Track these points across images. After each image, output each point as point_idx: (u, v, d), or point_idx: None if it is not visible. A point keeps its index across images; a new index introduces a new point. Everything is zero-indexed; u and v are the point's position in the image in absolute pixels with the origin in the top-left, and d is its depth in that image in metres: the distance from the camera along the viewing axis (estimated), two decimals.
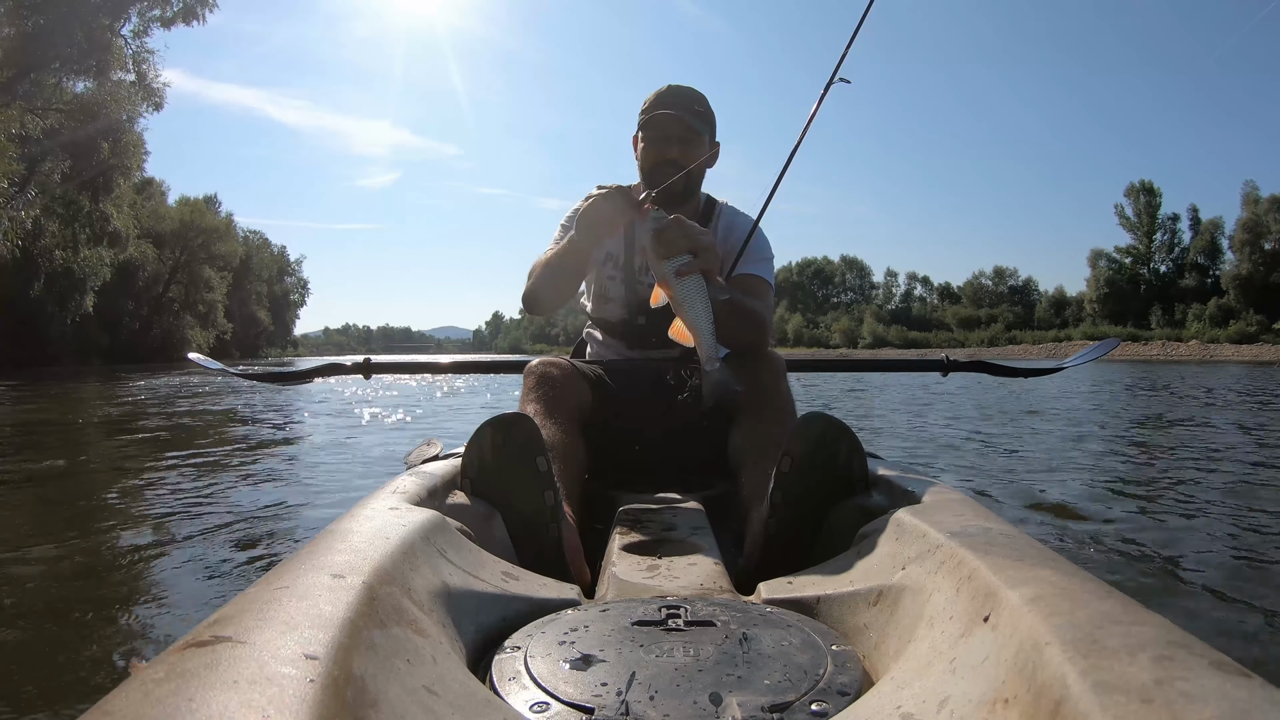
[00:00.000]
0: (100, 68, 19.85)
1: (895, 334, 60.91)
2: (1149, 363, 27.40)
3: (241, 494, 3.21)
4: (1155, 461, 4.33)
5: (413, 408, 7.94)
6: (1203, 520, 2.77)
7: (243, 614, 0.52)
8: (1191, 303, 47.12)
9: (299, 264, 66.50)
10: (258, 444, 4.99)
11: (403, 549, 0.74)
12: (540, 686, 0.64)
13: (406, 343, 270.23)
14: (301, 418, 7.01)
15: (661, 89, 1.65)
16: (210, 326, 40.37)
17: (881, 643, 0.75)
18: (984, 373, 2.31)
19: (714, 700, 0.62)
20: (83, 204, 22.48)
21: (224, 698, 0.41)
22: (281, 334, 62.80)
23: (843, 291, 78.06)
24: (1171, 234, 52.79)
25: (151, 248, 33.11)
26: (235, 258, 44.08)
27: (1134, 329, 46.76)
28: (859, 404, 8.52)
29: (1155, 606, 0.54)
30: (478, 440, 1.09)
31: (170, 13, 20.62)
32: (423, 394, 10.20)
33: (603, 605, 0.82)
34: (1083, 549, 2.34)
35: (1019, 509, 2.92)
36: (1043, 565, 0.64)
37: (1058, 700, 0.45)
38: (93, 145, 20.79)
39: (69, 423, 6.77)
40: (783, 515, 1.05)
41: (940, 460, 4.25)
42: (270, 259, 59.02)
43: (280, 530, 2.57)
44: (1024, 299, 65.06)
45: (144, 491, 3.39)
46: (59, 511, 2.97)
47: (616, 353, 1.77)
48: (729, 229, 1.72)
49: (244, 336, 49.48)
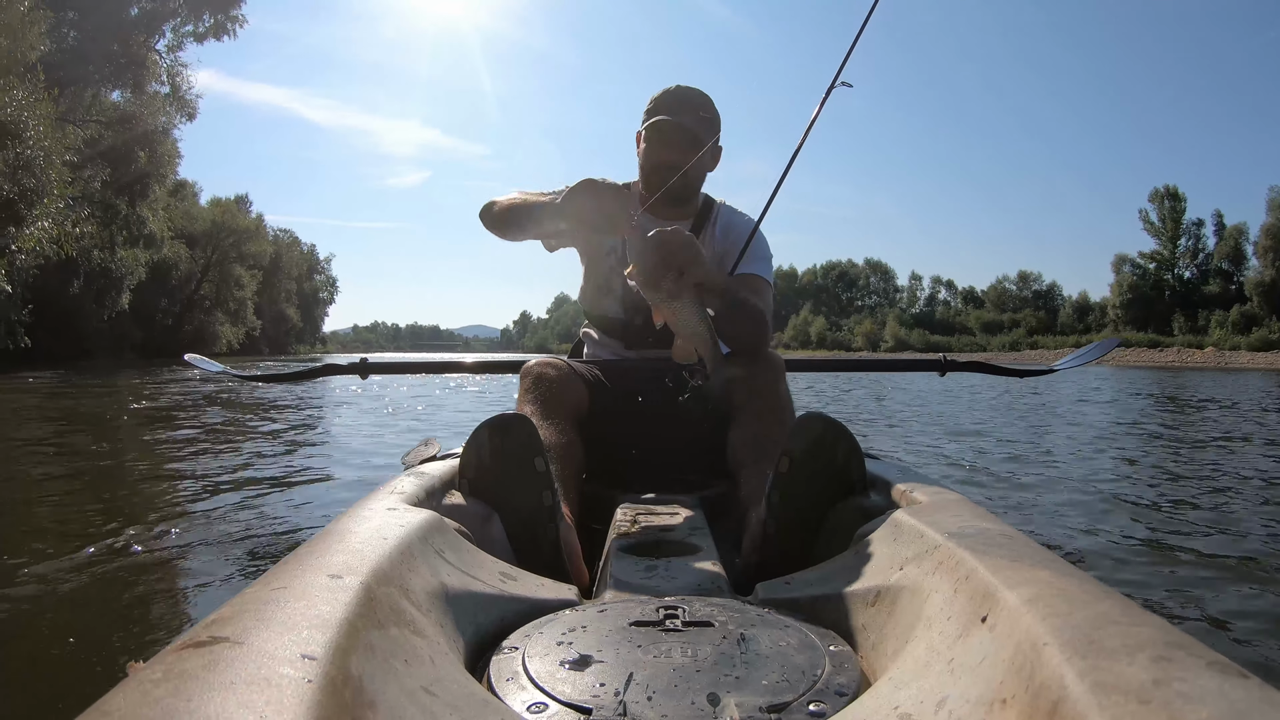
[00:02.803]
0: (136, 81, 21.58)
1: (917, 337, 60.86)
2: (1164, 370, 27.31)
3: (239, 494, 3.20)
4: (1155, 462, 4.34)
5: (413, 407, 7.94)
6: (1203, 520, 2.78)
7: (240, 614, 0.52)
8: (1215, 309, 46.63)
9: (328, 262, 67.43)
10: (256, 443, 4.98)
11: (401, 550, 0.74)
12: (538, 687, 0.64)
13: (435, 341, 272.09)
14: (301, 418, 7.00)
15: (668, 89, 1.63)
16: (240, 323, 41.86)
17: (879, 643, 0.75)
18: (980, 372, 2.33)
19: (712, 701, 0.62)
20: (120, 208, 23.70)
21: (222, 698, 0.41)
22: (310, 331, 63.67)
23: (867, 294, 78.53)
24: (1196, 239, 52.42)
25: (184, 248, 34.55)
26: (265, 256, 45.51)
27: (1156, 335, 46.53)
28: (859, 404, 8.53)
29: (1153, 607, 0.54)
30: (475, 441, 1.09)
31: (202, 28, 22.72)
32: (446, 393, 10.16)
33: (600, 606, 0.82)
34: (1081, 550, 2.34)
35: (1017, 510, 2.93)
36: (1041, 566, 0.64)
37: (1056, 701, 0.45)
38: (130, 154, 22.15)
39: (74, 420, 6.75)
40: (781, 516, 1.05)
41: (938, 461, 4.26)
42: (300, 257, 59.83)
43: (278, 531, 2.57)
44: (1048, 304, 65.02)
45: (142, 491, 3.38)
46: (54, 510, 2.96)
47: (613, 352, 1.77)
48: (727, 228, 1.72)
49: (273, 333, 50.67)
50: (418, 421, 6.59)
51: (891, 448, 4.65)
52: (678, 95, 1.62)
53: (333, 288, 68.83)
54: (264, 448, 4.76)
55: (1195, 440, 5.41)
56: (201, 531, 2.52)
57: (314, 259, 64.66)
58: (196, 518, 2.73)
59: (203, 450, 4.66)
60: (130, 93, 21.95)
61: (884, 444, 4.80)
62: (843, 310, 75.66)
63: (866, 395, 9.97)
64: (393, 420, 6.72)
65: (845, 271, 78.91)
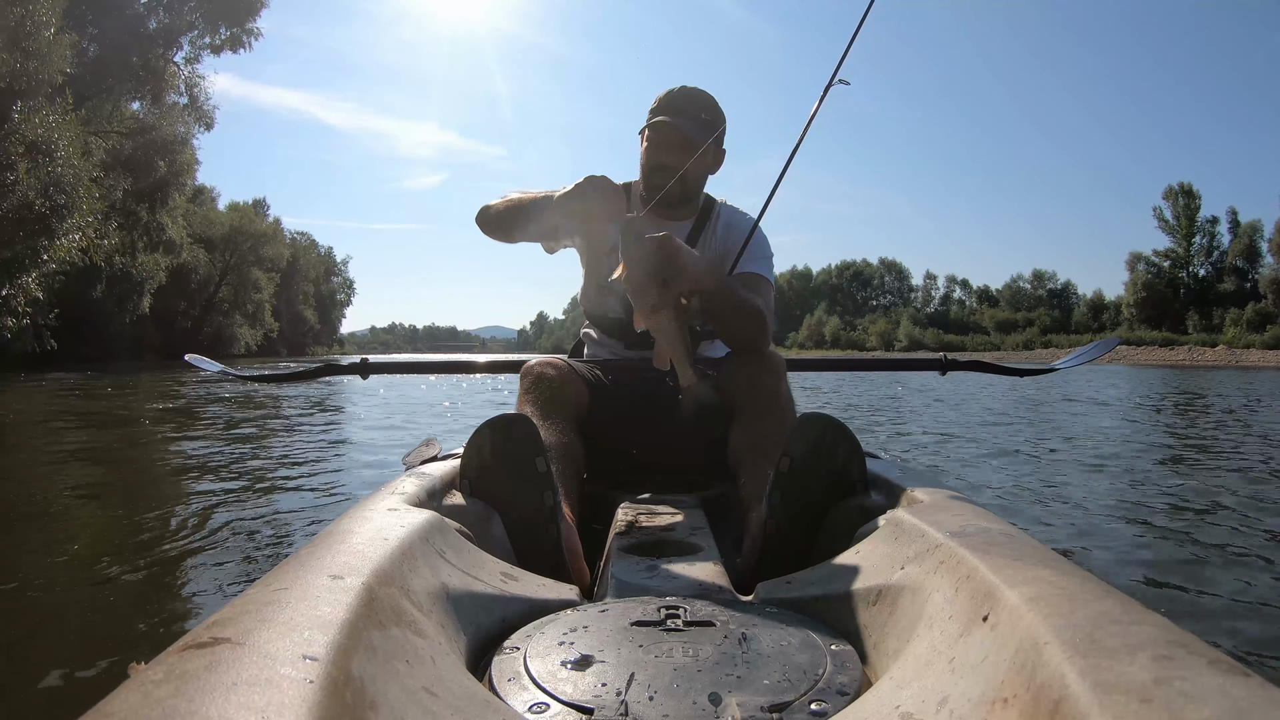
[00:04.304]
0: (155, 92, 22.39)
1: (931, 337, 60.70)
2: (1175, 368, 27.19)
3: (241, 495, 3.21)
4: (1156, 461, 4.34)
5: (414, 406, 7.94)
6: (1203, 519, 2.78)
7: (242, 615, 0.52)
8: (1229, 307, 46.28)
9: (345, 264, 68.05)
10: (256, 444, 4.98)
11: (402, 550, 0.74)
12: (539, 687, 0.64)
13: (452, 342, 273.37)
14: (301, 417, 7.00)
15: (672, 90, 1.62)
16: (258, 325, 42.63)
17: (880, 642, 0.75)
18: (981, 371, 2.33)
19: (713, 700, 0.62)
20: (140, 215, 24.51)
21: (223, 699, 0.41)
22: (328, 333, 64.31)
23: (881, 294, 78.64)
24: (1210, 237, 52.06)
25: (203, 252, 35.26)
26: (282, 259, 46.17)
27: (1170, 333, 46.20)
28: (860, 404, 8.52)
29: (1154, 606, 0.54)
30: (476, 441, 1.09)
31: (219, 40, 23.47)
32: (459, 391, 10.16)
33: (602, 606, 0.82)
34: (1082, 549, 2.34)
35: (1018, 509, 2.93)
36: (1042, 565, 0.64)
37: (1057, 700, 0.45)
38: (150, 163, 23.02)
39: (82, 421, 6.76)
40: (782, 515, 1.05)
41: (939, 461, 4.25)
42: (317, 260, 60.53)
43: (279, 532, 2.57)
44: (1062, 302, 64.85)
45: (141, 491, 3.39)
46: (54, 510, 2.96)
47: (614, 352, 1.77)
48: (728, 228, 1.72)
49: (291, 335, 51.29)
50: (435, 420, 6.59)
51: (891, 448, 4.65)
52: (681, 96, 1.61)
53: (350, 290, 69.52)
54: (265, 448, 4.76)
55: (1197, 438, 5.40)
56: (203, 532, 2.52)
57: (331, 261, 65.44)
58: (198, 518, 2.74)
59: (204, 450, 4.66)
60: (150, 103, 22.88)
61: (884, 444, 4.80)
62: (857, 310, 75.69)
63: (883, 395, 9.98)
64: (400, 422, 6.72)
65: (860, 271, 78.93)
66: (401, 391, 10.51)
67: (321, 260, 62.19)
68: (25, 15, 14.32)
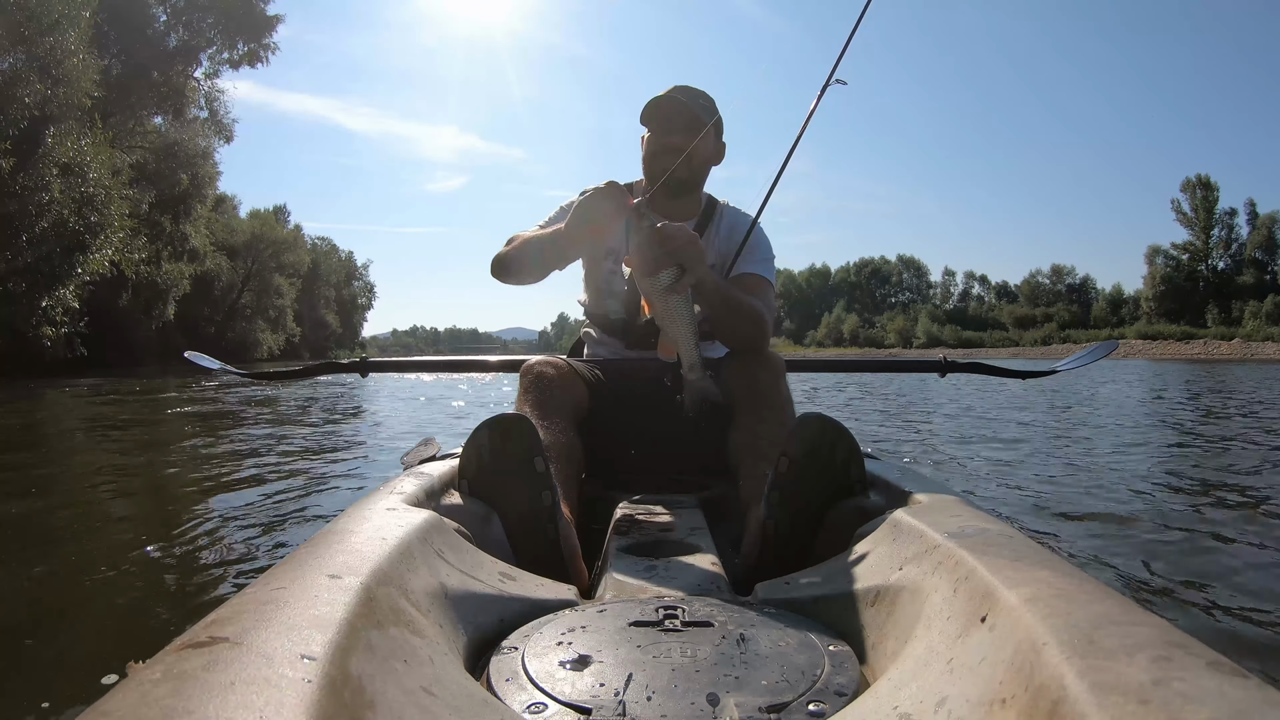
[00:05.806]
0: (177, 108, 23.41)
1: (950, 333, 60.24)
2: (1191, 362, 26.89)
3: (239, 494, 3.20)
4: (1156, 460, 4.34)
5: (415, 404, 7.93)
6: (1203, 519, 2.78)
7: (240, 615, 0.52)
8: (1249, 300, 45.83)
9: (366, 268, 68.22)
10: (255, 443, 4.98)
11: (400, 550, 0.74)
12: (538, 687, 0.64)
13: (473, 344, 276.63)
14: (301, 417, 6.99)
15: (663, 93, 1.65)
16: (280, 330, 43.16)
17: (879, 643, 0.75)
18: (980, 373, 2.32)
19: (711, 701, 0.62)
20: (165, 225, 25.21)
21: (221, 699, 0.41)
22: (350, 336, 64.60)
23: (900, 291, 78.28)
24: (1229, 229, 51.53)
25: (225, 259, 35.68)
26: (303, 265, 46.86)
27: (1189, 327, 45.77)
28: (858, 404, 8.52)
29: (1153, 607, 0.54)
30: (475, 441, 1.09)
31: (237, 56, 24.47)
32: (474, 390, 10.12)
33: (600, 606, 0.82)
34: (1080, 550, 2.34)
35: (1017, 510, 2.93)
36: (1040, 566, 0.64)
37: (1055, 700, 0.45)
38: (173, 176, 24.01)
39: (90, 424, 6.75)
40: (780, 516, 1.05)
41: (938, 461, 4.26)
42: (338, 264, 60.99)
43: (277, 531, 2.56)
44: (1081, 297, 64.44)
45: (140, 491, 3.38)
46: (53, 511, 2.96)
47: (614, 352, 1.77)
48: (732, 229, 1.72)
49: (313, 339, 51.69)
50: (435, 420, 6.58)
51: (890, 448, 4.65)
52: (678, 90, 1.64)
53: (371, 293, 69.73)
54: (265, 447, 4.76)
55: (1200, 437, 5.41)
56: (201, 531, 2.52)
57: (352, 265, 65.82)
58: (196, 517, 2.73)
59: (205, 450, 4.66)
60: (171, 118, 23.85)
61: (883, 445, 4.80)
62: (876, 307, 75.44)
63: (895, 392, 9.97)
64: (400, 422, 6.72)
65: (879, 268, 78.69)
66: (411, 390, 10.50)
67: (342, 264, 62.73)
68: (55, 45, 14.96)
